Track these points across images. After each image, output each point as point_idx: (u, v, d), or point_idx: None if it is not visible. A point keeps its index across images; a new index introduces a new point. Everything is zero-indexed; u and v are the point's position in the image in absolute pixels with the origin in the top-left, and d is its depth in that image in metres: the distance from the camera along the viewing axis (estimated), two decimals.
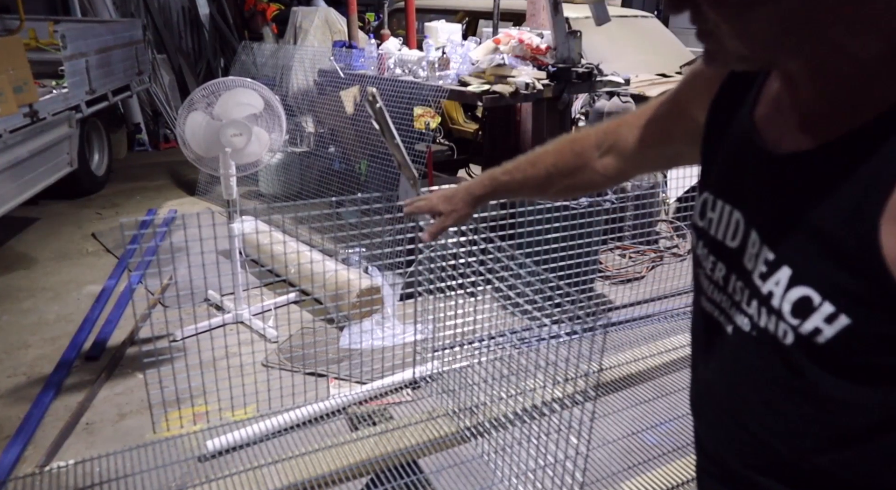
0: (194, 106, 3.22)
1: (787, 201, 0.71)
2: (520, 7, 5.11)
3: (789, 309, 0.69)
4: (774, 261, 0.71)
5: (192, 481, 1.83)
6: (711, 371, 0.85)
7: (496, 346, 2.86)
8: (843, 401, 0.68)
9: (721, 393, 0.83)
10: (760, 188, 0.75)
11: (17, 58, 4.05)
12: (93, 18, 6.81)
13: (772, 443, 0.78)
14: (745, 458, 0.82)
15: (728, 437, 0.84)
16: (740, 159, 0.79)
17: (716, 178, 0.84)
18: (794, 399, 0.73)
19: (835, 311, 0.65)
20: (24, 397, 2.88)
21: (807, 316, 0.67)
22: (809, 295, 0.67)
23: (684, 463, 2.04)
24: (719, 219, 0.80)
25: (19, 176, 4.28)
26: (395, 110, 3.90)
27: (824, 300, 0.66)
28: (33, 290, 3.93)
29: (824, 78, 0.67)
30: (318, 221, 4.16)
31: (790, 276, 0.69)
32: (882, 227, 0.61)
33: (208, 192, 5.58)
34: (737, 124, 0.81)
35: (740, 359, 0.79)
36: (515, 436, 1.85)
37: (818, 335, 0.66)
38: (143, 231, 4.42)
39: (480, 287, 2.07)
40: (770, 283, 0.71)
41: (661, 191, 4.41)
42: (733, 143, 0.81)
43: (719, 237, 0.80)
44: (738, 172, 0.79)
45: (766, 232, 0.73)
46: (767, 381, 0.75)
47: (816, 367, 0.69)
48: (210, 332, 2.85)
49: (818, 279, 0.67)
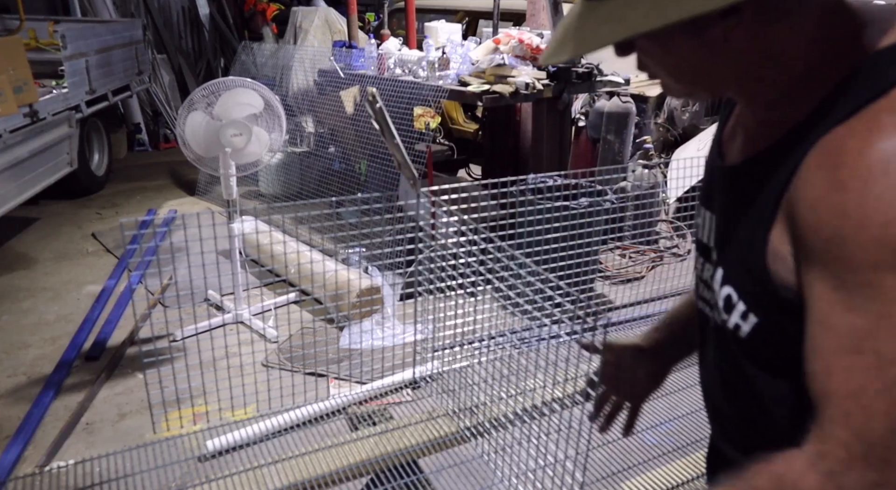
0: (194, 106, 3.22)
1: (726, 208, 0.79)
2: (520, 7, 5.11)
3: (722, 305, 0.78)
4: (716, 261, 0.81)
5: (192, 481, 1.83)
6: (706, 363, 0.93)
7: (496, 346, 2.86)
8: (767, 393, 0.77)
9: (705, 379, 0.93)
10: (720, 197, 0.84)
11: (17, 58, 4.05)
12: (93, 18, 6.81)
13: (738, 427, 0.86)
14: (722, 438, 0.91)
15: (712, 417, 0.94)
16: (711, 172, 0.89)
17: (701, 189, 0.94)
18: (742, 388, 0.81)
19: (746, 309, 0.74)
20: (24, 397, 2.88)
21: (730, 313, 0.76)
22: (731, 293, 0.76)
23: (684, 463, 2.04)
24: (703, 224, 0.89)
25: (19, 176, 4.28)
26: (395, 110, 3.90)
27: (739, 299, 0.75)
28: (33, 290, 3.93)
29: (752, 102, 0.77)
30: (318, 221, 4.16)
31: (721, 275, 0.78)
32: (773, 230, 0.69)
33: (208, 192, 5.58)
34: (715, 140, 0.91)
35: (715, 349, 0.87)
36: (515, 436, 1.84)
37: (739, 330, 0.75)
38: (143, 231, 4.42)
39: (480, 287, 2.07)
40: (715, 282, 0.80)
41: (661, 191, 4.40)
42: (710, 156, 0.91)
43: (703, 239, 0.88)
44: (711, 183, 0.89)
45: (715, 236, 0.83)
46: (728, 371, 0.84)
47: (744, 358, 0.78)
48: (210, 332, 2.85)
49: (735, 280, 0.76)
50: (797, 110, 0.70)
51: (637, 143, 4.89)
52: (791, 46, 0.69)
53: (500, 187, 2.40)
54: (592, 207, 3.30)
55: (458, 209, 2.08)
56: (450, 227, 2.09)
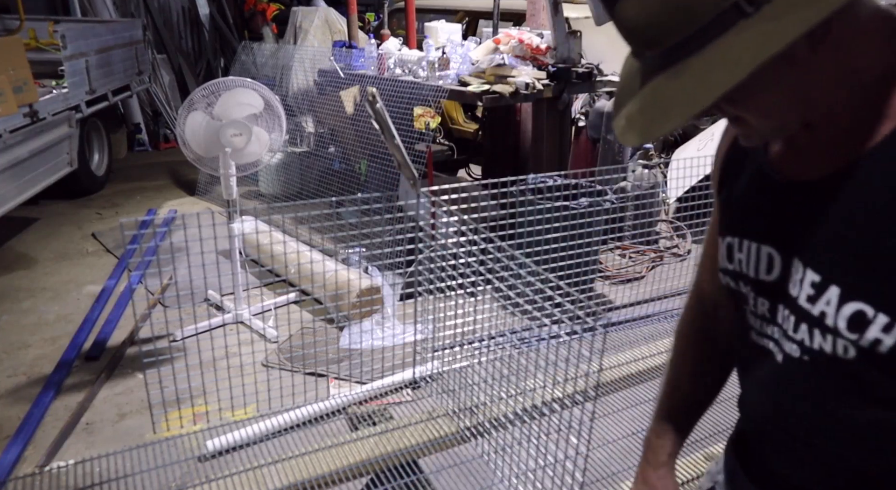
0: (194, 106, 3.22)
1: (822, 223, 0.74)
2: (520, 7, 5.10)
3: (845, 325, 0.70)
4: (821, 282, 0.73)
5: (192, 481, 1.83)
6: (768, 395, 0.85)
7: (496, 346, 2.86)
8: None
9: (781, 413, 0.84)
10: (791, 217, 0.78)
11: (17, 58, 4.05)
12: (93, 18, 6.81)
13: (831, 452, 0.79)
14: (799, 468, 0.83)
15: (785, 449, 0.85)
16: (761, 198, 0.83)
17: (737, 222, 0.86)
18: (857, 409, 0.74)
19: (890, 320, 0.67)
20: (24, 397, 2.88)
21: (864, 329, 0.69)
22: (863, 309, 0.69)
23: (684, 463, 2.04)
24: (747, 257, 0.83)
25: (19, 176, 4.28)
26: (395, 110, 3.90)
27: (878, 312, 0.68)
28: (33, 290, 3.93)
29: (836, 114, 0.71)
30: (318, 221, 4.16)
31: (839, 293, 0.71)
32: None
33: (208, 192, 5.58)
34: (749, 169, 0.85)
35: (796, 382, 0.80)
36: (515, 436, 1.84)
37: (879, 345, 0.68)
38: (143, 231, 4.42)
39: (480, 287, 2.07)
40: (821, 304, 0.73)
41: (661, 191, 4.40)
42: (750, 186, 0.85)
43: (752, 274, 0.83)
44: (761, 210, 0.82)
45: (806, 256, 0.75)
46: (827, 396, 0.76)
47: (886, 377, 0.70)
48: (210, 332, 2.84)
49: (868, 293, 0.69)
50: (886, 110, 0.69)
51: None
52: (866, 52, 0.68)
53: (500, 187, 2.40)
54: (592, 207, 3.30)
55: (458, 209, 2.08)
56: (450, 227, 2.09)
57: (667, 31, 0.65)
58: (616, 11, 0.67)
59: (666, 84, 0.66)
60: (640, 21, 0.66)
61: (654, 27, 0.65)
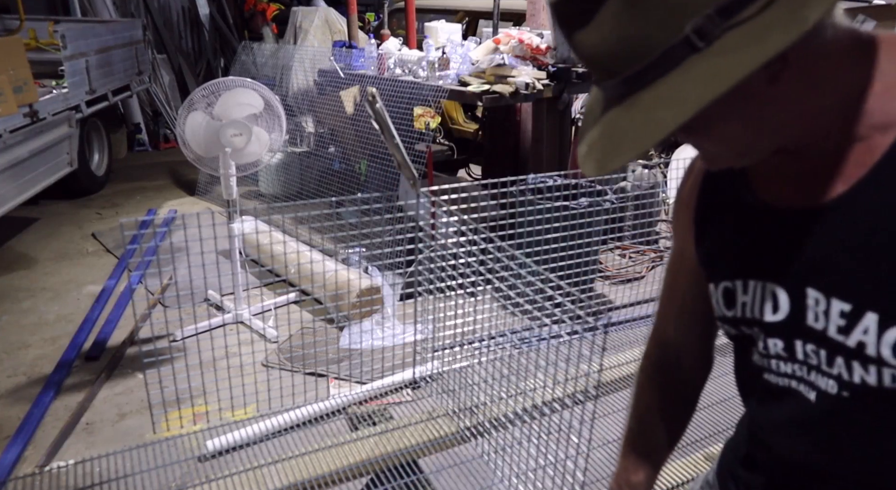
0: (194, 106, 3.22)
1: (840, 249, 0.70)
2: (520, 7, 5.11)
3: (890, 352, 0.66)
4: (852, 310, 0.68)
5: (192, 481, 1.83)
6: (803, 439, 0.80)
7: (496, 346, 2.86)
8: None
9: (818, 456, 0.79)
10: (797, 249, 0.73)
11: (17, 58, 4.05)
12: (93, 18, 6.81)
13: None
14: None
15: None
16: (758, 234, 0.78)
17: (735, 263, 0.82)
18: None
19: None
20: (24, 397, 2.88)
21: None
22: None
23: (684, 463, 2.04)
24: (753, 298, 0.79)
25: (19, 176, 4.28)
26: (395, 110, 3.90)
27: None
28: (33, 290, 3.93)
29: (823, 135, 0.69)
30: (318, 221, 4.16)
31: (878, 320, 0.66)
32: None
33: (208, 192, 5.58)
34: (731, 209, 0.81)
35: (842, 424, 0.75)
36: (515, 436, 1.85)
37: None
38: (143, 231, 4.42)
39: (480, 287, 2.07)
40: (857, 334, 0.68)
41: (661, 191, 4.41)
42: (739, 224, 0.81)
43: (756, 316, 0.79)
44: (759, 246, 0.78)
45: (827, 286, 0.71)
46: (888, 437, 0.72)
47: None
48: (210, 332, 2.85)
49: None
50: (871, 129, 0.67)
51: None
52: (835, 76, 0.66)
53: (500, 187, 2.40)
54: (592, 207, 3.30)
55: (458, 209, 2.08)
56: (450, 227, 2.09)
57: (620, 62, 0.63)
58: (573, 40, 0.66)
59: (620, 116, 0.65)
60: (595, 51, 0.65)
61: (609, 57, 0.64)
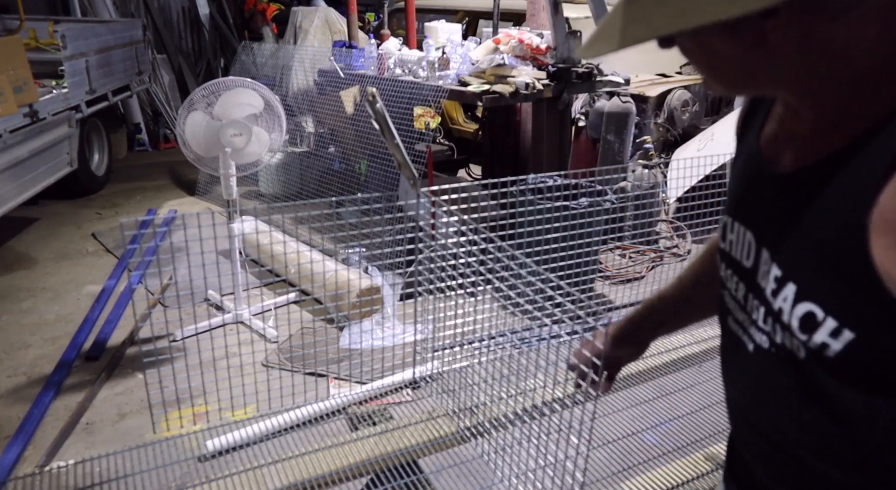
0: (194, 106, 3.22)
1: (790, 218, 0.72)
2: (520, 7, 5.11)
3: (797, 325, 0.69)
4: (781, 277, 0.72)
5: (192, 481, 1.83)
6: (740, 390, 0.85)
7: (496, 346, 2.86)
8: (863, 414, 0.68)
9: (752, 411, 0.83)
10: (768, 207, 0.77)
11: (17, 58, 4.05)
12: (93, 18, 6.81)
13: (804, 460, 0.77)
14: (775, 475, 0.82)
15: (759, 453, 0.84)
16: (750, 181, 0.82)
17: (732, 201, 0.86)
18: (819, 414, 0.72)
19: (838, 325, 0.65)
20: (24, 397, 2.88)
21: (813, 331, 0.68)
22: (813, 310, 0.67)
23: (684, 463, 2.04)
24: (737, 240, 0.82)
25: (19, 176, 4.28)
26: (395, 110, 3.90)
27: (827, 315, 0.66)
28: (33, 290, 3.93)
29: (813, 101, 0.69)
30: (318, 221, 4.16)
31: (795, 291, 0.70)
32: (871, 241, 0.61)
33: (208, 192, 5.58)
34: (747, 148, 0.84)
35: (764, 376, 0.79)
36: (515, 436, 1.84)
37: (826, 349, 0.67)
38: (143, 231, 4.42)
39: (480, 287, 2.07)
40: (779, 300, 0.72)
41: (661, 191, 4.41)
42: (744, 166, 0.84)
43: (737, 257, 0.82)
44: (749, 194, 0.81)
45: (774, 249, 0.75)
46: (792, 396, 0.75)
47: (834, 380, 0.68)
48: (210, 332, 2.85)
49: (820, 295, 0.67)
50: (871, 106, 0.65)
51: (637, 143, 4.90)
52: (853, 43, 0.63)
53: (500, 187, 2.40)
54: (592, 207, 3.30)
55: (458, 209, 2.08)
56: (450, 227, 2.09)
57: None
58: None
59: (616, 12, 0.66)
60: None
61: None
